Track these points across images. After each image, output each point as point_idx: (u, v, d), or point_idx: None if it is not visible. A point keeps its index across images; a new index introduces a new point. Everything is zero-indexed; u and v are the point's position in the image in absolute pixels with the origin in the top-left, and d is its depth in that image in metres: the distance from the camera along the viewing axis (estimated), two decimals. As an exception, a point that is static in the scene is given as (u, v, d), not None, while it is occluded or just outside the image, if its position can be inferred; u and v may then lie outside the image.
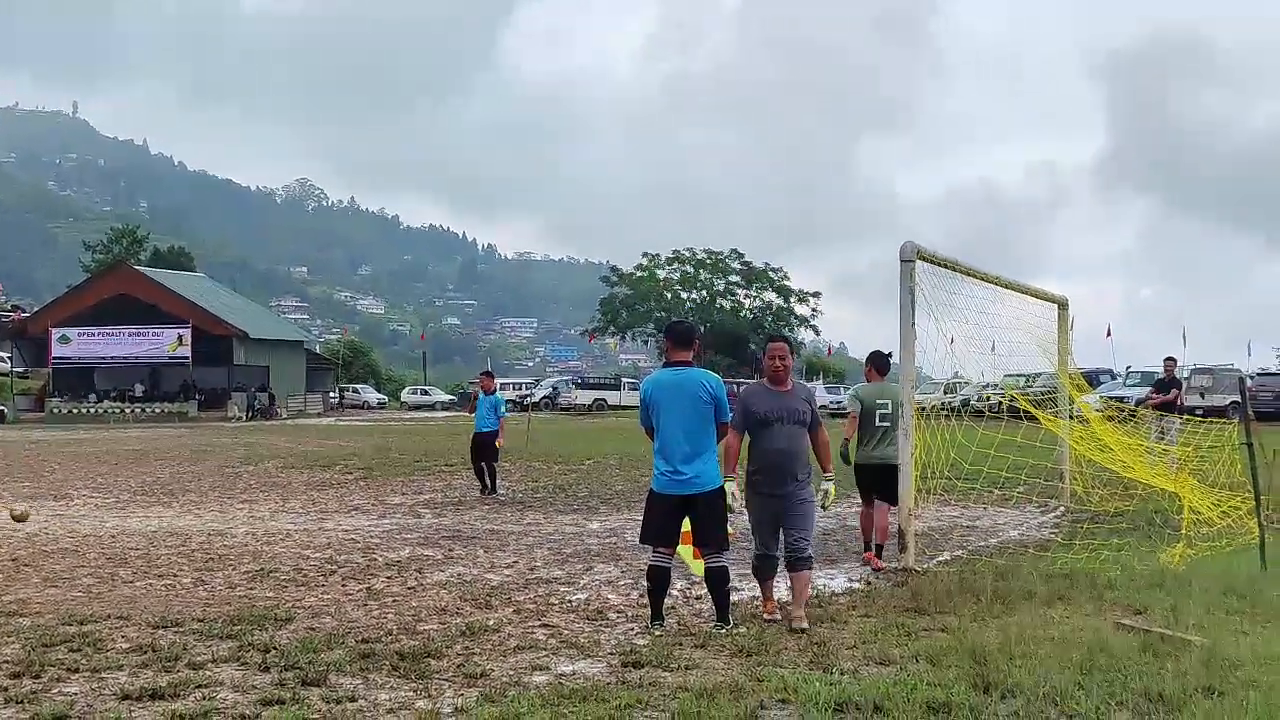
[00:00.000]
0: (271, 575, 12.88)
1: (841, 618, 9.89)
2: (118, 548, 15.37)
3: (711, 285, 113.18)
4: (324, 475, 27.42)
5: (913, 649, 8.51)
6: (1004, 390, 15.68)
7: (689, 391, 9.47)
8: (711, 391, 9.50)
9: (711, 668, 8.15)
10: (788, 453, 9.76)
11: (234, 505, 21.01)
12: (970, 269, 14.89)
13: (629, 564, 13.25)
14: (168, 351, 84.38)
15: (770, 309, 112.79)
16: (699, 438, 9.45)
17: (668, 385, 9.58)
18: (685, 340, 9.82)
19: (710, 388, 9.51)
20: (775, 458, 9.73)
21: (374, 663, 8.38)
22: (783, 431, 9.74)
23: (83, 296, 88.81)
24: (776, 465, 9.74)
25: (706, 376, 9.60)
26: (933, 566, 12.59)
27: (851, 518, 17.93)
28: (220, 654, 8.77)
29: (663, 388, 9.60)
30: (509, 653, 8.77)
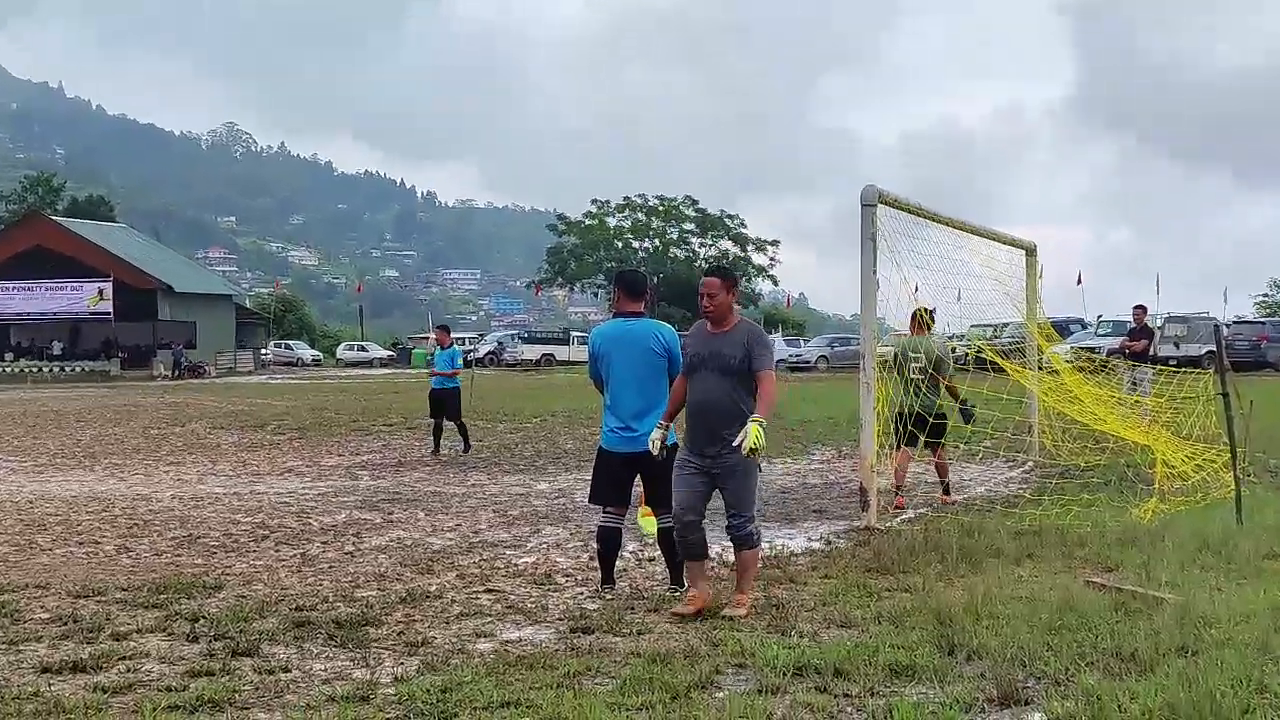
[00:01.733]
0: (200, 541, 12.83)
1: (801, 579, 9.94)
2: (36, 514, 15.26)
3: (665, 234, 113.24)
4: (255, 436, 27.30)
5: (875, 610, 8.57)
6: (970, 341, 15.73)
7: (640, 344, 9.43)
8: (665, 343, 9.43)
9: (665, 632, 8.18)
10: (708, 405, 8.78)
11: (160, 468, 20.89)
12: (934, 214, 14.93)
13: (578, 526, 13.27)
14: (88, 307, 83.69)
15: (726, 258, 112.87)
16: (651, 392, 9.39)
17: (617, 337, 9.54)
18: (636, 290, 9.79)
19: (663, 339, 9.46)
20: (695, 411, 8.88)
21: (309, 631, 8.36)
22: (705, 380, 8.83)
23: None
24: (697, 419, 8.88)
25: (659, 328, 9.56)
26: (896, 524, 12.67)
27: (810, 474, 18.03)
28: (145, 624, 8.72)
29: (612, 340, 9.56)
30: (452, 620, 8.77)
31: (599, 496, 9.68)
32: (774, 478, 17.70)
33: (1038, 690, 6.62)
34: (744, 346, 8.81)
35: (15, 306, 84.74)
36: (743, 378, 8.78)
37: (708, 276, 9.03)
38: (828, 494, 15.93)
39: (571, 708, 6.37)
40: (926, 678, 6.87)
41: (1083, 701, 6.31)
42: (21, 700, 6.82)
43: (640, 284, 9.84)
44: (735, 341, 8.85)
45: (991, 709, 6.37)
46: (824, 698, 6.54)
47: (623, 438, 9.43)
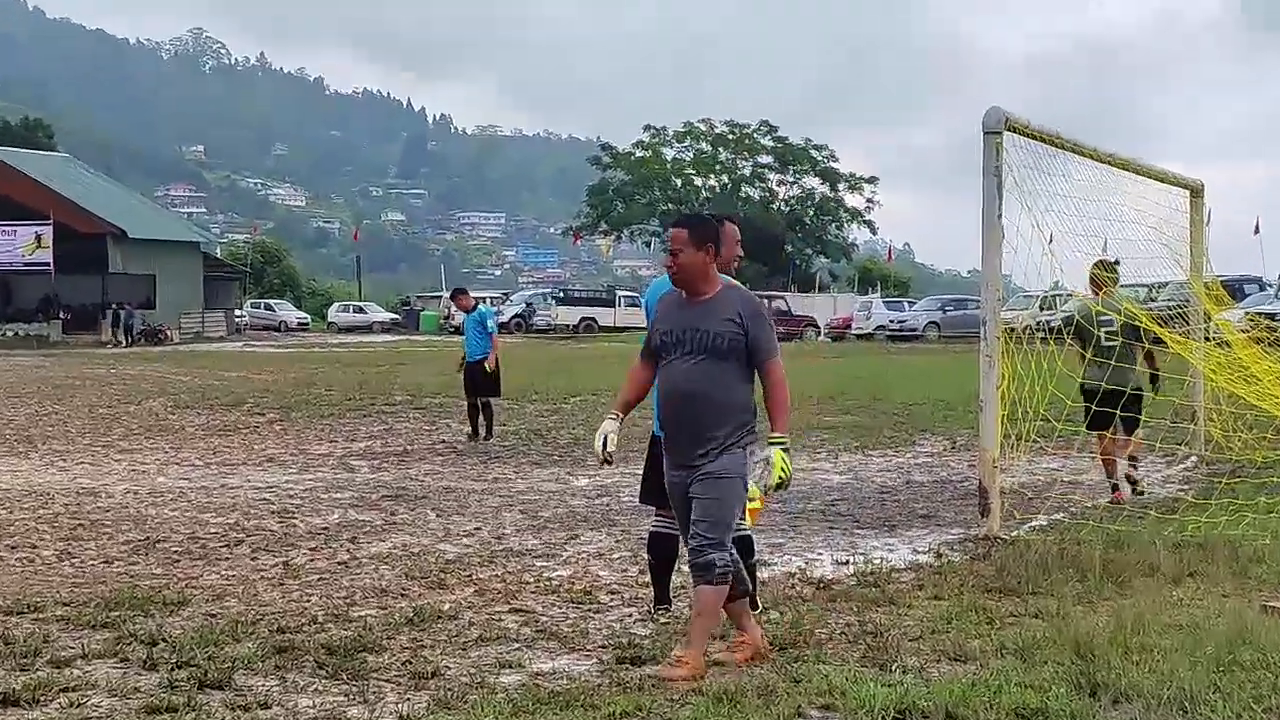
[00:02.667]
0: (160, 546, 12.90)
1: (904, 600, 9.91)
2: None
3: (735, 168, 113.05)
4: (228, 417, 27.45)
5: (997, 640, 8.53)
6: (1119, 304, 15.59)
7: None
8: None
9: (733, 664, 8.17)
10: (687, 399, 8.22)
11: (110, 456, 21.02)
12: (1076, 144, 14.79)
13: (625, 531, 13.28)
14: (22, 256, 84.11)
15: (812, 199, 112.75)
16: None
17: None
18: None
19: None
20: (672, 407, 8.37)
21: (293, 659, 8.40)
22: (683, 365, 8.26)
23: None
24: (676, 419, 8.34)
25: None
26: (1024, 534, 12.62)
27: (916, 470, 17.97)
28: (93, 647, 8.77)
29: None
30: (469, 645, 8.79)
31: (650, 496, 9.64)
32: (871, 475, 17.66)
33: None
34: (736, 323, 8.19)
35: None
36: (734, 363, 8.19)
37: (674, 226, 8.63)
38: (938, 495, 15.88)
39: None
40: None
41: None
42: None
43: (708, 230, 9.76)
44: (720, 315, 8.24)
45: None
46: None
47: None
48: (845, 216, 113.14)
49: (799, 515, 14.30)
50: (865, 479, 17.31)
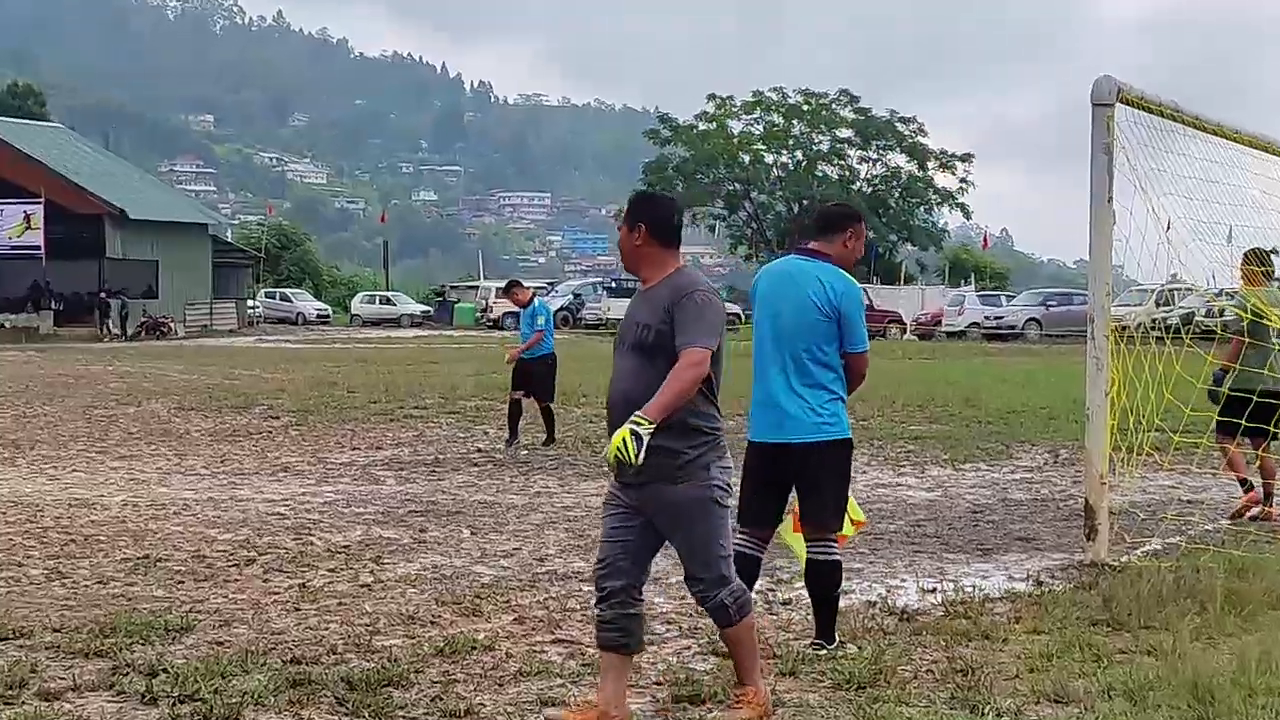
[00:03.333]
0: (161, 565, 12.96)
1: (998, 633, 9.88)
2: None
3: (811, 144, 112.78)
4: (238, 421, 27.57)
5: (1104, 680, 8.51)
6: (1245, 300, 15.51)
7: (799, 292, 9.32)
8: (831, 299, 9.24)
9: (804, 705, 8.18)
10: (614, 403, 8.03)
11: (106, 464, 21.14)
12: (1198, 118, 14.71)
13: (685, 553, 13.27)
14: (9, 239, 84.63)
15: (898, 179, 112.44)
16: (808, 358, 9.28)
17: (779, 277, 9.54)
18: (834, 225, 9.63)
19: (831, 293, 9.25)
20: (609, 411, 8.11)
21: (310, 693, 8.44)
22: (621, 363, 8.17)
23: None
24: (608, 425, 8.02)
25: (832, 276, 9.36)
26: (1135, 560, 12.57)
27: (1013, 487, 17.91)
28: (86, 678, 8.84)
29: (772, 280, 9.59)
30: (506, 681, 8.83)
31: (744, 514, 9.59)
32: (962, 492, 17.63)
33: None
34: (663, 314, 7.89)
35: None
36: (665, 362, 7.80)
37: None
38: (1038, 515, 15.83)
39: (673, 808, 6.39)
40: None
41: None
42: (-86, 781, 6.94)
43: (841, 218, 9.69)
44: (656, 304, 8.01)
45: (1269, 823, 6.31)
46: (1030, 802, 6.52)
47: (761, 421, 9.42)
48: (935, 199, 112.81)
49: (881, 537, 14.27)
50: (955, 496, 17.27)
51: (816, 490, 9.35)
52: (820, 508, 9.40)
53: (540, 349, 23.09)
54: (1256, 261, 15.17)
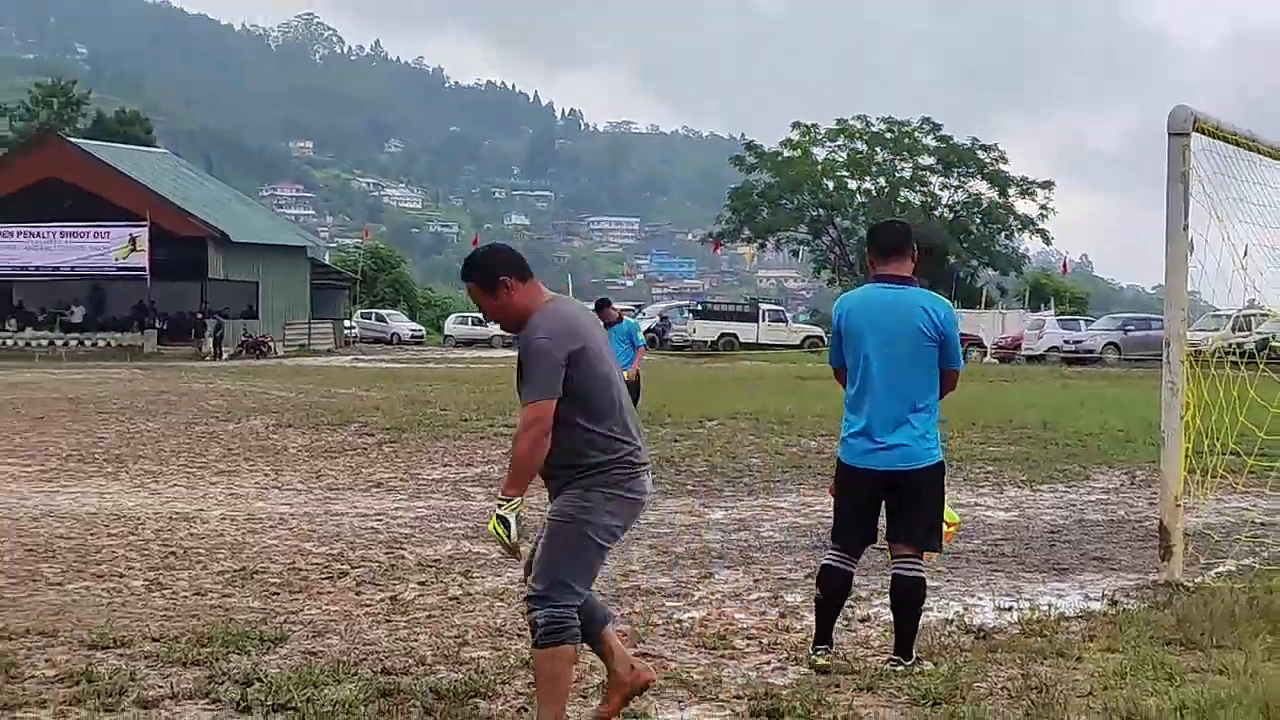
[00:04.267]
0: (257, 577, 13.04)
1: (1073, 651, 9.82)
2: (41, 536, 15.62)
3: (893, 170, 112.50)
4: (334, 438, 27.70)
5: (1177, 699, 8.44)
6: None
7: (907, 321, 9.33)
8: (938, 324, 9.32)
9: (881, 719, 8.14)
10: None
11: (206, 478, 21.27)
12: (1274, 148, 14.62)
13: (765, 570, 13.26)
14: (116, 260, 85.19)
15: (979, 205, 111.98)
16: (914, 390, 9.32)
17: (875, 308, 9.49)
18: (896, 246, 9.61)
19: (937, 319, 9.33)
20: None
21: (399, 703, 8.47)
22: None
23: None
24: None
25: (933, 302, 9.45)
26: (1209, 580, 12.47)
27: (1089, 508, 17.81)
28: (183, 686, 8.91)
29: (867, 311, 9.53)
30: (590, 693, 8.83)
31: (843, 533, 9.66)
32: (1040, 512, 17.54)
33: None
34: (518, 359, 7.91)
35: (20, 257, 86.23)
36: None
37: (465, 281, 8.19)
38: (1114, 536, 15.73)
39: (751, 820, 6.37)
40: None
41: None
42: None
43: (898, 238, 9.70)
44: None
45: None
46: (1102, 818, 6.47)
47: (869, 450, 9.37)
48: (1015, 225, 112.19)
49: (959, 556, 14.22)
50: (1033, 516, 17.18)
51: (919, 511, 9.38)
52: (922, 528, 9.43)
53: (626, 363, 23.18)
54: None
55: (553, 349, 7.64)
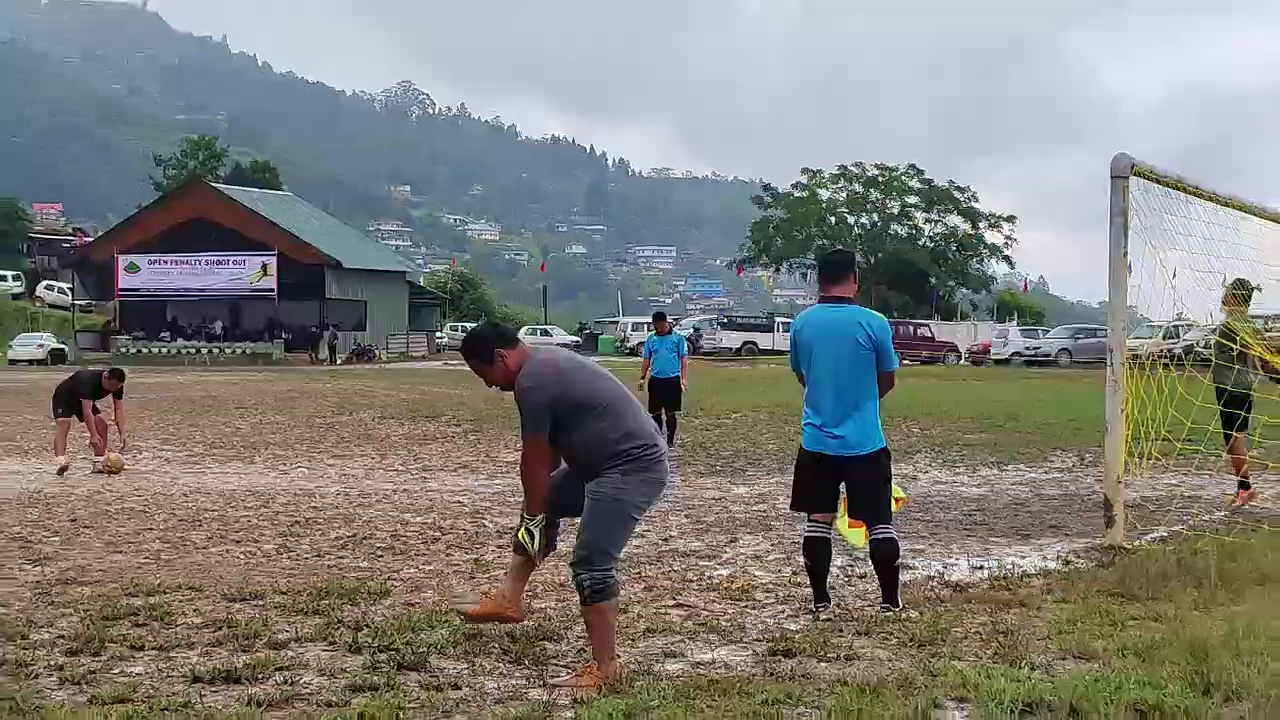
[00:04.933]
0: (365, 542, 13.08)
1: (1033, 602, 9.78)
2: (190, 508, 15.72)
3: (884, 208, 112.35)
4: (428, 427, 27.76)
5: (1119, 641, 8.40)
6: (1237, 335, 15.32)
7: (846, 334, 9.37)
8: (872, 335, 9.35)
9: (876, 658, 8.12)
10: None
11: (324, 461, 21.36)
12: (1198, 188, 14.54)
13: (780, 536, 13.24)
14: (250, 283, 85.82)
15: (955, 236, 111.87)
16: (855, 390, 9.36)
17: (820, 325, 9.53)
18: (837, 273, 9.72)
19: (871, 331, 9.36)
20: None
21: (481, 645, 8.48)
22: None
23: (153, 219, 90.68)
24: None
25: (868, 317, 9.48)
26: (1145, 544, 12.40)
27: (1047, 485, 17.75)
28: (305, 632, 8.94)
29: (815, 327, 9.57)
30: (637, 637, 8.82)
31: (799, 502, 9.73)
32: (1006, 488, 17.49)
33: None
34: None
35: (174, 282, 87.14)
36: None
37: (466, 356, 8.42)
38: (1067, 507, 15.65)
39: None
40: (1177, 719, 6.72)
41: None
42: (171, 711, 7.03)
43: (841, 266, 9.76)
44: None
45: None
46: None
47: (823, 438, 9.43)
48: (985, 252, 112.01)
49: (939, 524, 14.18)
50: (1000, 491, 17.12)
51: (870, 491, 9.44)
52: (874, 504, 9.46)
53: (673, 371, 23.17)
54: (1238, 287, 15.13)
55: (536, 394, 7.86)
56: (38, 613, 9.60)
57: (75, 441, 20.54)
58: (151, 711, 7.03)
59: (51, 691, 7.51)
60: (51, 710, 7.07)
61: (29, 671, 7.94)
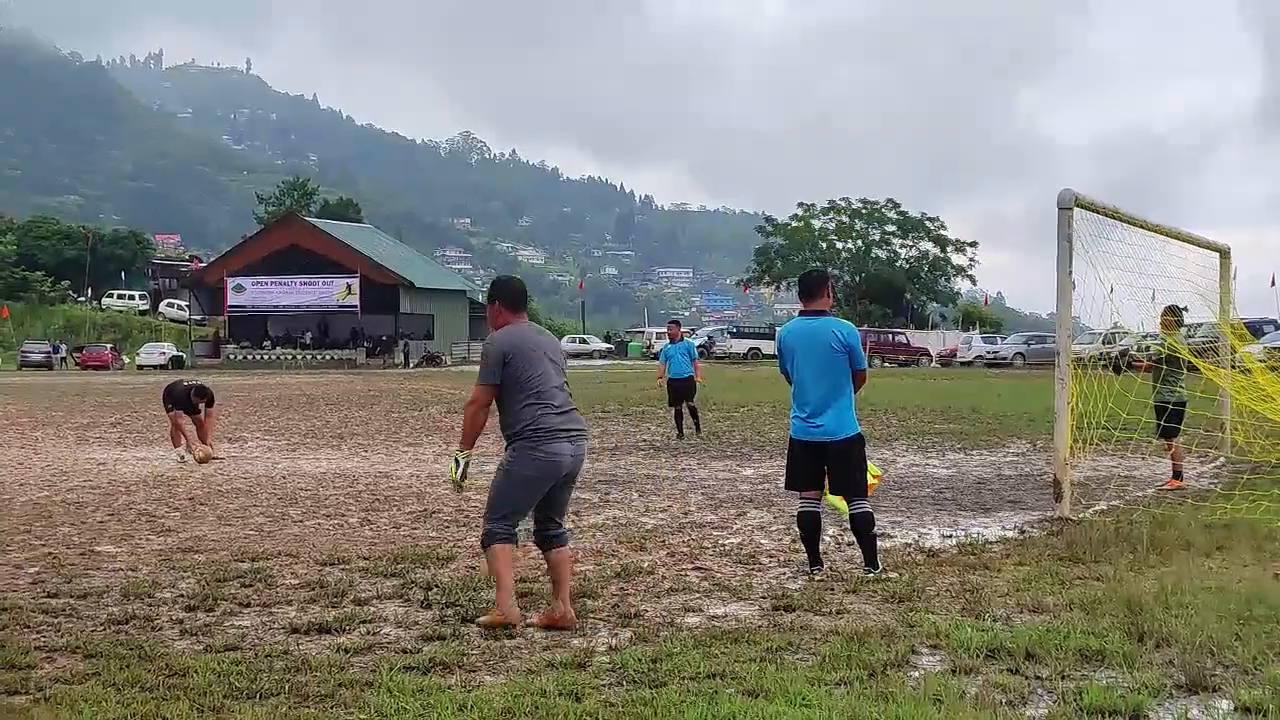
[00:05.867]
0: (434, 516, 13.10)
1: (995, 565, 9.74)
2: (288, 488, 15.75)
3: (867, 235, 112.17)
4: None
5: (1067, 597, 8.37)
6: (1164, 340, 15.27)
7: (821, 340, 9.40)
8: (843, 340, 9.40)
9: (862, 612, 8.10)
10: None
11: (399, 449, 21.38)
12: (1131, 217, 14.50)
13: (781, 509, 13.22)
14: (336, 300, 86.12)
15: (927, 259, 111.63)
16: (831, 387, 9.37)
17: (801, 334, 9.56)
18: (813, 289, 9.75)
19: (841, 336, 9.42)
20: None
21: (531, 602, 8.47)
22: None
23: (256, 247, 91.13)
24: None
25: (838, 325, 9.52)
26: (1088, 516, 12.36)
27: (1005, 467, 17.70)
28: (384, 591, 8.96)
29: (796, 336, 9.61)
30: (662, 594, 8.81)
31: (793, 482, 9.72)
32: (971, 469, 17.43)
33: (1226, 678, 6.41)
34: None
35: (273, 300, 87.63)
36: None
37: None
38: (1023, 485, 15.59)
39: (773, 681, 6.36)
40: (1116, 663, 6.69)
41: (1270, 690, 6.09)
42: (273, 658, 7.06)
43: (816, 284, 9.79)
44: None
45: (1179, 695, 6.18)
46: (1015, 679, 6.42)
47: (807, 427, 9.44)
48: (952, 271, 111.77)
49: (914, 500, 14.14)
50: (966, 472, 17.07)
51: (848, 471, 9.45)
52: (853, 482, 9.47)
53: (688, 371, 23.11)
54: (1170, 314, 15.04)
55: (492, 352, 8.09)
56: (161, 576, 9.64)
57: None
58: (257, 658, 7.05)
59: (173, 641, 7.55)
60: (173, 657, 7.10)
61: (154, 624, 7.98)
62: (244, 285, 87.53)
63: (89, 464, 19.02)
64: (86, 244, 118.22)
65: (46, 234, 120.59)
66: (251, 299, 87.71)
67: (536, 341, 8.21)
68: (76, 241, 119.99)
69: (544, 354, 8.17)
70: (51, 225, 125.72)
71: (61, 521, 12.82)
